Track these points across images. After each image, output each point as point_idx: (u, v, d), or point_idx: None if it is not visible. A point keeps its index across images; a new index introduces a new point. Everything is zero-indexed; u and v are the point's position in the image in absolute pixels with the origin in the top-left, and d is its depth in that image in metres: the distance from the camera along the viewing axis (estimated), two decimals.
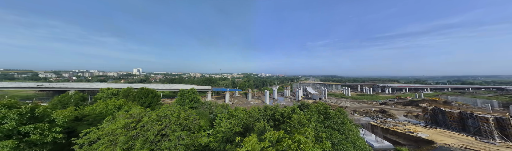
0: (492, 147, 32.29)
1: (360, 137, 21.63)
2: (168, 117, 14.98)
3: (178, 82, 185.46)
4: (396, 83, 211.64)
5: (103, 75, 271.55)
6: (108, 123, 14.08)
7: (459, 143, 34.57)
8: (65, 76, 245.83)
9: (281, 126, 20.27)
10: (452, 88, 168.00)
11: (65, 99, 29.55)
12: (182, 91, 39.48)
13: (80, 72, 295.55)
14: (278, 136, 10.71)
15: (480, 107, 75.34)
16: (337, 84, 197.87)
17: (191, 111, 18.93)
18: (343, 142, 18.05)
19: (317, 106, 23.78)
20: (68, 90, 65.83)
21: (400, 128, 45.54)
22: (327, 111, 22.11)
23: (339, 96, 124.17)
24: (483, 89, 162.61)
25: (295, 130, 12.68)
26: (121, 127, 12.73)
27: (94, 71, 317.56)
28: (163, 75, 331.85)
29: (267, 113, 26.03)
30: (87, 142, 12.33)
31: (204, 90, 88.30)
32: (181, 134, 13.17)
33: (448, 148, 31.94)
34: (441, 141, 35.89)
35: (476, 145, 33.16)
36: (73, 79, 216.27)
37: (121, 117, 14.93)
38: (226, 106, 34.38)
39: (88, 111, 20.75)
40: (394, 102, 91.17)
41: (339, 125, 20.58)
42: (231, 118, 20.43)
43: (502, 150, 30.82)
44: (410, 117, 59.79)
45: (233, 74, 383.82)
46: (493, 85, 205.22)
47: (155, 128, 12.91)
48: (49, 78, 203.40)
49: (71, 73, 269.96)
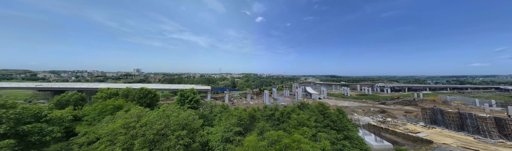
0: (491, 146, 32.42)
1: (359, 137, 21.68)
2: (167, 117, 14.98)
3: (177, 82, 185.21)
4: (396, 83, 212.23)
5: (102, 75, 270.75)
6: (107, 123, 14.05)
7: (458, 142, 34.71)
8: (64, 76, 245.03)
9: (281, 126, 20.30)
10: (451, 87, 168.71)
11: (64, 99, 29.45)
12: (181, 91, 39.43)
13: (79, 72, 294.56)
14: (277, 135, 10.73)
15: (479, 106, 75.70)
16: (337, 84, 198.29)
17: (190, 111, 18.93)
18: (342, 142, 18.10)
19: (317, 105, 23.83)
20: (67, 90, 65.58)
21: (400, 127, 45.67)
22: (327, 111, 22.16)
23: (338, 95, 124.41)
24: (481, 89, 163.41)
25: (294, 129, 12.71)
26: (121, 127, 12.71)
27: (93, 71, 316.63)
28: (162, 75, 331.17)
29: (266, 112, 26.07)
30: (86, 141, 12.31)
31: (204, 90, 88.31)
32: (181, 134, 13.17)
33: (447, 148, 32.05)
34: (440, 140, 36.02)
35: (475, 145, 33.29)
36: (72, 79, 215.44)
37: (120, 117, 14.91)
38: (225, 106, 34.33)
39: (87, 111, 20.69)
40: (393, 102, 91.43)
41: (338, 125, 20.62)
42: (230, 118, 20.43)
43: (501, 149, 30.95)
44: (409, 117, 59.96)
45: (233, 74, 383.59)
46: (491, 84, 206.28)
47: (155, 127, 12.91)
48: (47, 78, 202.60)
49: (70, 74, 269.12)
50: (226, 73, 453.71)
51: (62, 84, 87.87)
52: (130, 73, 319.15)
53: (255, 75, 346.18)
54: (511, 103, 78.33)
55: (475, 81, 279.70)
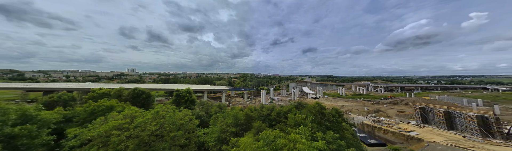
0: (478, 144, 33.76)
1: (355, 136, 22.05)
2: (162, 117, 14.72)
3: (173, 81, 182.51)
4: (389, 83, 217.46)
5: (95, 75, 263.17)
6: (100, 124, 13.65)
7: (447, 140, 35.94)
8: (54, 76, 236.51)
9: (278, 126, 20.36)
10: (441, 87, 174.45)
11: (53, 99, 28.42)
12: (177, 91, 38.91)
13: (70, 72, 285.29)
14: (273, 135, 10.75)
15: (467, 105, 78.64)
16: (333, 84, 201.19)
17: (186, 111, 18.68)
18: (337, 141, 18.34)
19: (313, 105, 24.05)
20: (56, 90, 63.37)
21: (393, 127, 46.82)
22: (323, 111, 22.39)
23: (334, 95, 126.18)
24: (470, 89, 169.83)
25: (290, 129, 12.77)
26: (114, 128, 12.39)
27: (85, 71, 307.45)
28: (157, 75, 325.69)
29: (263, 112, 26.07)
30: (77, 144, 11.90)
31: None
32: (177, 134, 12.97)
33: (437, 146, 33.13)
34: (431, 139, 37.18)
35: (463, 143, 34.57)
36: (63, 79, 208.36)
37: (113, 117, 14.53)
38: (222, 106, 34.16)
39: (79, 111, 20.05)
40: (387, 101, 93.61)
41: (334, 124, 20.89)
42: (227, 118, 20.31)
43: (487, 147, 32.27)
44: (402, 116, 61.55)
45: (230, 74, 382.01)
46: (479, 84, 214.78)
47: (150, 128, 12.65)
48: (36, 78, 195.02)
49: (60, 73, 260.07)
50: (223, 73, 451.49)
51: (52, 84, 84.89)
52: (124, 73, 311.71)
53: (252, 75, 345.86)
54: (497, 102, 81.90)
55: (464, 80, 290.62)
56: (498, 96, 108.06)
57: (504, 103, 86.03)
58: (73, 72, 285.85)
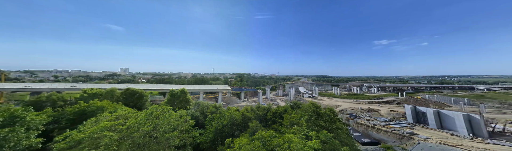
0: (466, 142, 35.28)
1: (349, 135, 22.45)
2: (157, 118, 14.46)
3: (168, 82, 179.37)
4: (382, 83, 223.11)
5: (85, 75, 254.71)
6: (90, 125, 13.25)
7: (436, 139, 37.31)
8: (41, 76, 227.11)
9: (274, 126, 20.45)
10: (431, 87, 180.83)
11: (40, 100, 27.30)
12: (172, 91, 38.33)
13: (58, 72, 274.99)
14: (269, 135, 10.80)
15: (455, 104, 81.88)
16: (328, 84, 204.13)
17: (181, 111, 18.43)
18: (332, 140, 18.63)
19: (309, 105, 24.32)
20: (44, 91, 61.00)
21: (386, 126, 48.04)
22: (318, 110, 22.69)
23: (329, 95, 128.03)
24: (458, 88, 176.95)
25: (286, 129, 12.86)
26: (105, 129, 12.04)
27: (75, 71, 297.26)
28: (152, 75, 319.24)
29: (259, 113, 26.11)
30: (66, 146, 11.47)
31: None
32: (171, 135, 12.77)
33: (427, 144, 34.32)
34: (422, 137, 38.45)
35: (451, 141, 36.03)
36: (51, 79, 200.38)
37: (105, 118, 14.14)
38: (218, 106, 33.89)
39: (68, 113, 19.38)
40: (380, 101, 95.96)
41: (329, 124, 21.20)
42: (223, 119, 20.19)
43: (474, 144, 33.79)
44: (394, 115, 63.28)
45: (226, 74, 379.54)
46: (466, 84, 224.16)
47: (143, 129, 12.39)
48: (21, 79, 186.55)
49: (48, 73, 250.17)
50: (219, 73, 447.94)
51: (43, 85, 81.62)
52: (116, 73, 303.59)
53: (249, 75, 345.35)
54: (482, 102, 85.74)
55: (453, 81, 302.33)
56: (484, 95, 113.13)
57: (489, 102, 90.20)
58: (62, 72, 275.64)
